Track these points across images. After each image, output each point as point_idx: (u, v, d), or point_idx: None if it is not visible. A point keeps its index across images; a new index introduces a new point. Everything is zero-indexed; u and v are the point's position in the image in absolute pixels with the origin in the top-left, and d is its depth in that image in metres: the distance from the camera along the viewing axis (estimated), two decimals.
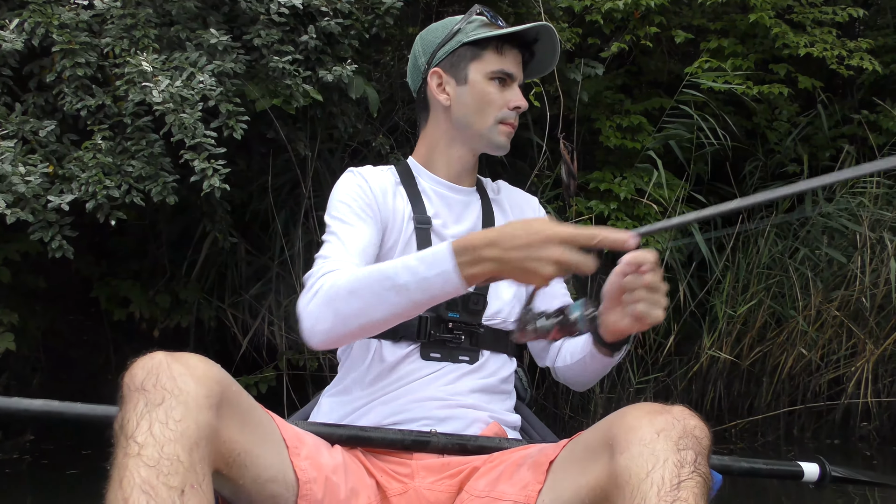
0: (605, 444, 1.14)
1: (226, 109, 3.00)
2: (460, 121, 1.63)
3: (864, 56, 4.68)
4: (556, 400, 4.88)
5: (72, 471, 3.79)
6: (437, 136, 1.67)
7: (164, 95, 2.74)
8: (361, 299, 1.30)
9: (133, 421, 1.02)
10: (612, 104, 5.06)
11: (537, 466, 1.29)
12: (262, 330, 4.52)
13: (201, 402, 1.05)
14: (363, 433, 1.41)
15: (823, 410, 4.73)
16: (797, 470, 1.54)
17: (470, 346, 1.55)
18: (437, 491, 1.38)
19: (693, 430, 1.09)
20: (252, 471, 1.17)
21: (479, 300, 1.56)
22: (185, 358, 1.10)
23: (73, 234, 3.00)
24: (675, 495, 1.01)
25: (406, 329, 1.52)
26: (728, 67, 4.67)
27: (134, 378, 1.07)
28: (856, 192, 4.79)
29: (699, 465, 1.05)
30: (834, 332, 4.61)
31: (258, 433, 1.21)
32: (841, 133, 5.28)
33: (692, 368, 4.71)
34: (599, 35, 4.87)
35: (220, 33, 3.08)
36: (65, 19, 2.99)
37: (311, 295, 1.36)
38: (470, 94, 1.61)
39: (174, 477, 0.97)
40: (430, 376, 1.51)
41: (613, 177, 4.72)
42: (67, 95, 3.00)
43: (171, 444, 0.99)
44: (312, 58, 3.51)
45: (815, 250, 4.74)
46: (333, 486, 1.29)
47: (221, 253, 4.30)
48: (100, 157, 2.91)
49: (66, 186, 2.97)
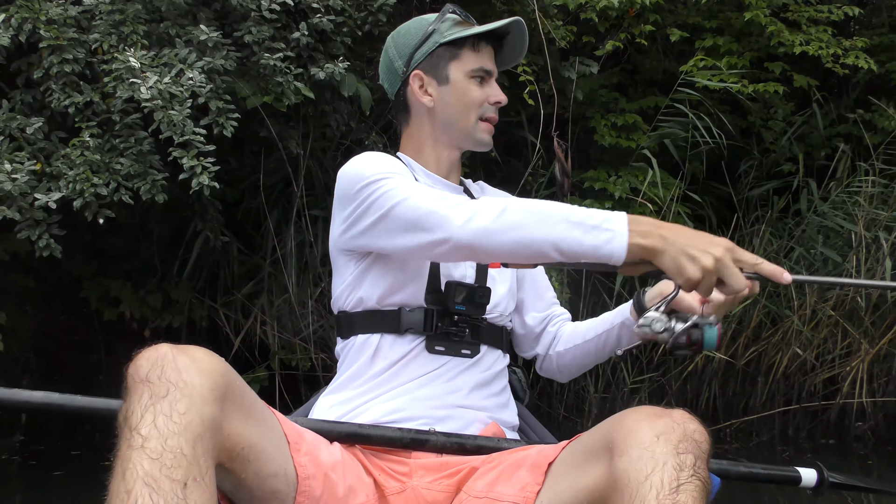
0: (604, 446, 1.14)
1: (216, 107, 2.97)
2: (445, 121, 1.63)
3: (859, 55, 4.66)
4: (550, 400, 4.86)
5: (59, 472, 3.77)
6: (423, 137, 1.67)
7: (153, 92, 2.70)
8: (535, 216, 1.28)
9: (137, 413, 1.01)
10: (607, 103, 5.04)
11: (536, 468, 1.28)
12: (255, 329, 4.50)
13: (206, 395, 1.04)
14: (362, 430, 1.40)
15: (818, 410, 4.71)
16: (795, 476, 1.53)
17: (472, 339, 1.55)
18: (435, 490, 1.37)
19: (693, 434, 1.09)
20: (254, 465, 1.17)
21: (484, 293, 1.56)
22: (190, 350, 1.09)
23: (61, 232, 2.97)
24: (673, 499, 1.01)
25: (412, 322, 1.51)
26: (723, 66, 4.64)
27: (139, 369, 1.05)
28: (851, 191, 4.78)
29: (698, 469, 1.05)
30: (829, 331, 4.60)
31: (261, 428, 1.20)
32: (836, 132, 5.26)
33: (687, 368, 4.69)
34: (594, 33, 4.84)
35: (210, 30, 3.04)
36: (52, 15, 2.96)
37: (470, 214, 1.32)
38: (452, 93, 1.61)
39: (177, 470, 0.97)
40: (433, 373, 1.51)
41: (608, 176, 4.70)
42: (55, 92, 2.97)
43: (174, 437, 0.98)
44: (304, 55, 3.48)
45: (811, 249, 4.73)
46: (332, 483, 1.29)
47: (213, 252, 4.27)
48: (88, 154, 2.87)
49: (54, 184, 2.93)
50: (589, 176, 4.71)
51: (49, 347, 4.51)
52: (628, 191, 4.57)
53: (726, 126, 4.69)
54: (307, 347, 4.34)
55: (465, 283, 1.55)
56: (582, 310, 4.66)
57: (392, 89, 1.69)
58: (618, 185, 4.58)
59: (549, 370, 1.77)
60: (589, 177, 4.70)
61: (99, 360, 4.61)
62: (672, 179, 4.68)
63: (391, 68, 1.67)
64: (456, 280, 1.54)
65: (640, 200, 4.54)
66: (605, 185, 4.60)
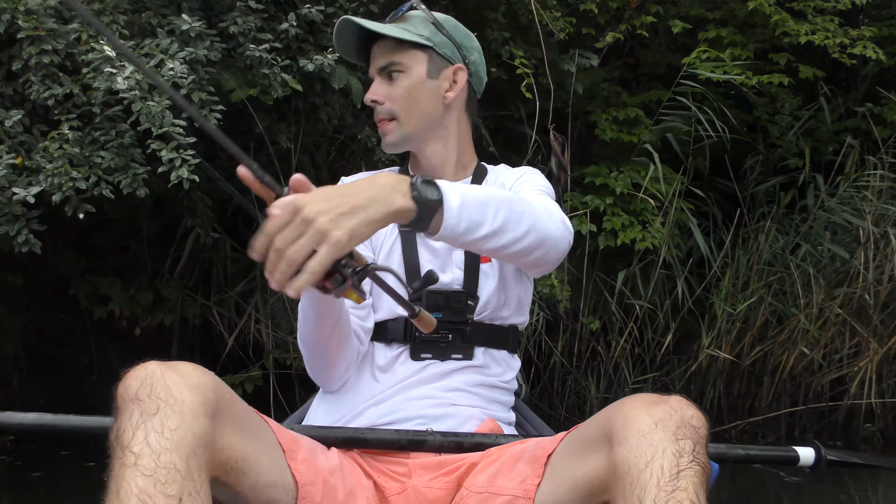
0: (602, 435, 1.14)
1: (198, 98, 2.89)
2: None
3: (867, 45, 4.54)
4: (551, 400, 4.79)
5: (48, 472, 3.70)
6: None
7: (130, 82, 2.62)
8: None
9: (128, 431, 1.02)
10: (608, 97, 4.94)
11: (535, 460, 1.29)
12: (249, 328, 4.43)
13: (196, 409, 1.05)
14: (359, 434, 1.42)
15: (826, 411, 4.62)
16: (793, 455, 1.55)
17: (462, 343, 1.54)
18: (435, 488, 1.38)
19: (690, 420, 1.09)
20: (250, 477, 1.17)
21: (461, 297, 1.54)
22: (178, 366, 1.10)
23: (42, 227, 2.90)
24: (674, 485, 1.01)
25: (395, 332, 1.53)
26: (726, 57, 4.53)
27: (128, 388, 1.06)
28: (859, 185, 4.67)
29: (698, 455, 1.06)
30: (837, 330, 4.52)
31: (254, 439, 1.20)
32: (844, 126, 5.16)
33: (690, 368, 4.61)
34: (594, 25, 4.74)
35: (193, 19, 2.97)
36: (31, 5, 2.88)
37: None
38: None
39: (171, 486, 0.97)
40: (423, 375, 1.51)
41: (609, 171, 4.62)
42: (35, 84, 2.89)
43: (167, 453, 0.99)
44: (293, 47, 3.39)
45: (818, 246, 4.64)
46: (331, 487, 1.29)
47: (205, 249, 4.20)
48: (67, 147, 2.80)
49: (35, 178, 2.86)
50: (590, 171, 4.62)
51: (40, 346, 4.46)
52: (630, 186, 4.49)
53: (730, 120, 4.59)
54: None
55: (444, 290, 1.53)
56: (583, 308, 4.59)
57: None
58: (619, 180, 4.49)
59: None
60: (590, 172, 4.62)
61: (91, 360, 4.55)
62: (674, 174, 4.59)
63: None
64: (437, 288, 1.52)
65: (642, 196, 4.46)
66: (606, 181, 4.52)
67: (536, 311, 4.31)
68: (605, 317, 4.65)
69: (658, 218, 4.43)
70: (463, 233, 1.19)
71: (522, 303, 1.63)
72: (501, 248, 1.26)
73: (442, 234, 1.17)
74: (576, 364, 4.67)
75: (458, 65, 1.60)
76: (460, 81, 1.61)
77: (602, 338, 4.67)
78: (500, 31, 4.28)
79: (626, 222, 4.44)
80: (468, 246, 1.25)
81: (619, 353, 4.61)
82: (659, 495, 1.00)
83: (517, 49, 4.21)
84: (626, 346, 4.60)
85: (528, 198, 1.36)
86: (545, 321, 4.44)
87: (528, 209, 1.30)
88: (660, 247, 4.43)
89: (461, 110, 1.64)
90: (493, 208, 1.22)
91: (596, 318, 4.58)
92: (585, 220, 4.40)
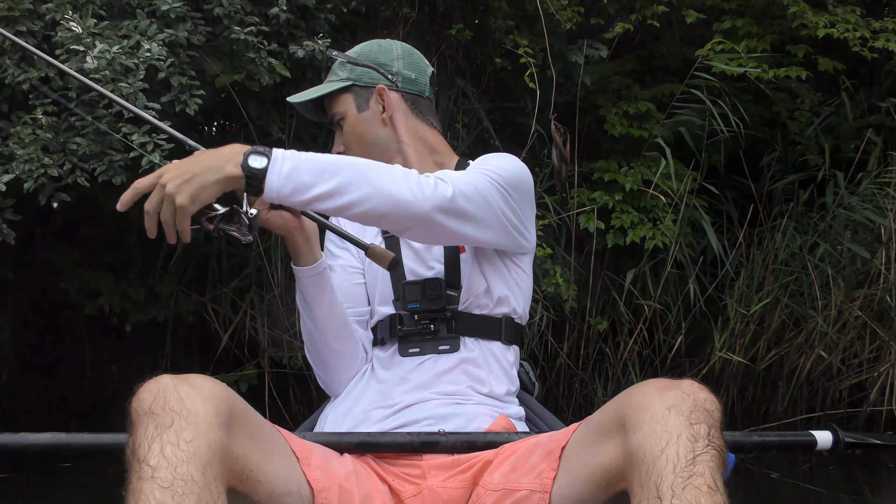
0: (616, 423, 1.14)
1: (178, 83, 2.77)
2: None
3: (890, 37, 4.34)
4: (557, 402, 4.65)
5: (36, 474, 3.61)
6: None
7: (100, 62, 2.50)
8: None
9: (144, 445, 1.03)
10: (619, 90, 4.77)
11: (550, 453, 1.30)
12: (244, 325, 4.33)
13: (211, 421, 1.06)
14: (371, 439, 1.44)
15: (844, 418, 4.46)
16: (810, 439, 1.54)
17: (447, 333, 1.58)
18: (450, 488, 1.40)
19: (704, 404, 1.09)
20: (266, 486, 1.18)
21: (436, 284, 1.58)
22: (191, 379, 1.12)
23: (16, 217, 2.79)
24: (691, 470, 1.01)
25: (382, 330, 1.62)
26: (742, 49, 4.35)
27: (141, 402, 1.07)
28: (882, 182, 4.48)
29: (713, 439, 1.05)
30: (856, 333, 4.39)
31: (269, 448, 1.22)
32: (867, 123, 4.94)
33: (702, 371, 4.45)
34: (604, 15, 4.57)
35: (174, 1, 2.85)
36: None
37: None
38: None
39: (189, 497, 0.98)
40: (421, 374, 1.54)
41: (619, 166, 4.46)
42: (10, 68, 2.79)
43: (183, 465, 1.00)
44: (284, 32, 3.27)
45: (837, 245, 4.49)
46: (347, 493, 1.31)
47: (199, 244, 4.09)
48: (40, 133, 2.69)
49: (9, 166, 2.75)
50: (598, 167, 4.47)
51: (31, 340, 4.37)
52: (640, 182, 4.33)
53: (745, 115, 4.41)
54: (298, 345, 4.15)
55: (418, 280, 1.59)
56: (590, 308, 4.44)
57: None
58: (629, 176, 4.33)
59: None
60: (598, 167, 4.46)
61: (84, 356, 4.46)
62: (686, 171, 4.41)
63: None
64: (413, 279, 1.61)
65: (652, 192, 4.29)
66: (616, 177, 4.36)
67: (541, 311, 4.17)
68: (614, 317, 4.51)
69: (669, 215, 4.27)
70: (290, 194, 1.29)
71: (513, 293, 1.64)
72: (343, 208, 1.32)
73: (268, 195, 1.29)
74: (582, 366, 4.52)
75: (379, 85, 1.69)
76: (388, 98, 1.70)
77: (610, 339, 4.53)
78: (505, 20, 4.13)
79: (636, 220, 4.28)
80: (305, 206, 1.33)
81: (628, 355, 4.46)
82: (676, 481, 1.00)
83: (522, 38, 4.07)
84: (634, 348, 4.46)
85: (395, 167, 1.39)
86: (551, 321, 4.30)
87: (376, 175, 1.35)
88: (671, 245, 4.26)
89: (406, 119, 1.72)
90: (330, 173, 1.31)
91: (604, 319, 4.44)
92: (593, 216, 4.24)
